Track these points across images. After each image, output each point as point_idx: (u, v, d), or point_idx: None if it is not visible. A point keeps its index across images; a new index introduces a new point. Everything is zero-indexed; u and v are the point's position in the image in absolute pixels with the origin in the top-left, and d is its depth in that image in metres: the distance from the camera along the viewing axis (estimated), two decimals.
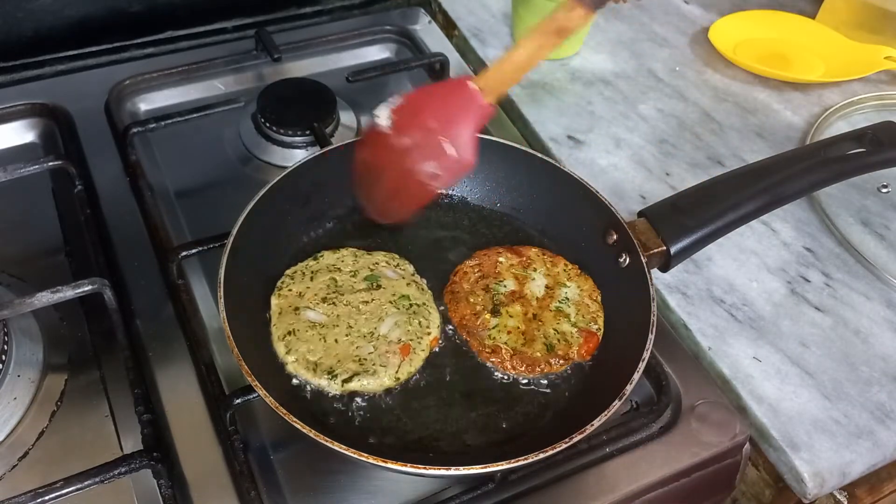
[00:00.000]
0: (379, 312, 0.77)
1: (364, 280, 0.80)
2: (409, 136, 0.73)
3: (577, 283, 0.83)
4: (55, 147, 1.00)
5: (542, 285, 0.82)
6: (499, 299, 0.80)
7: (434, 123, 0.72)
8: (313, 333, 0.75)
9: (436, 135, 0.72)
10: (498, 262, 0.84)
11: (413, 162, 0.73)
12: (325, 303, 0.77)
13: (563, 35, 0.67)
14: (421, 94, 0.75)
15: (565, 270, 0.84)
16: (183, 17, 1.15)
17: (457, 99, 0.71)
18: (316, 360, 0.73)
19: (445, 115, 0.72)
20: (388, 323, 0.77)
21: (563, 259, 0.85)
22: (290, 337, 0.74)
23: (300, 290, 0.78)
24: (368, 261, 0.82)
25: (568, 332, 0.78)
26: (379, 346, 0.75)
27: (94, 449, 0.72)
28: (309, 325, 0.75)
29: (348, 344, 0.75)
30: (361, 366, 0.73)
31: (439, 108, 0.72)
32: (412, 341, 0.76)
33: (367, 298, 0.78)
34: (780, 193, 0.79)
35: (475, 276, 0.82)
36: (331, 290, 0.79)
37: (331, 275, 0.80)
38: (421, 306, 0.79)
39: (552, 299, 0.81)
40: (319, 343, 0.74)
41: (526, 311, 0.80)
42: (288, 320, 0.76)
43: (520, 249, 0.85)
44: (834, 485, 0.76)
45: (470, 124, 0.71)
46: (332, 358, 0.73)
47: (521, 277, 0.83)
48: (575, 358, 0.77)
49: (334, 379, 0.72)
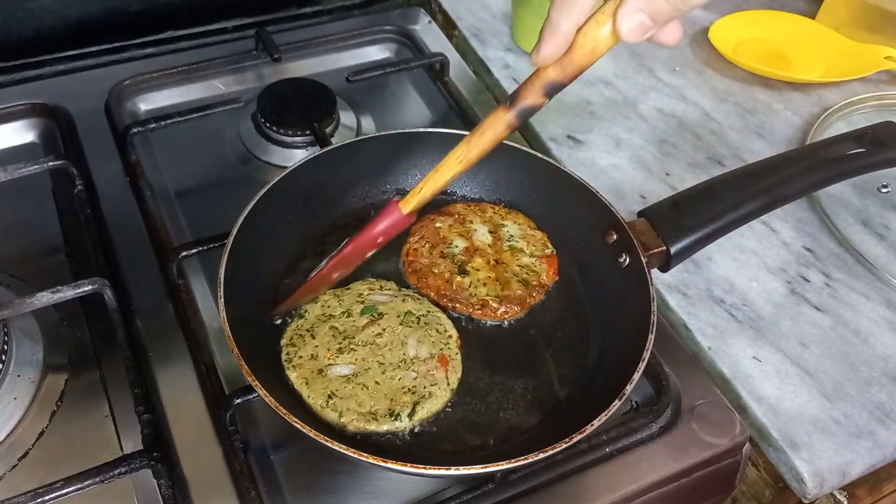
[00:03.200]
0: (397, 338, 0.76)
1: (362, 315, 0.77)
2: None
3: (513, 220, 0.88)
4: (55, 147, 1.00)
5: (486, 232, 0.86)
6: (459, 260, 0.83)
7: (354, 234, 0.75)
8: (352, 386, 0.72)
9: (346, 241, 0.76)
10: (437, 229, 0.86)
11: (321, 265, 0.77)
12: (342, 353, 0.74)
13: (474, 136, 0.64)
14: None
15: (495, 212, 0.88)
16: (183, 17, 1.15)
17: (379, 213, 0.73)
18: (369, 409, 0.70)
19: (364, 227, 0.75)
20: (412, 344, 0.75)
21: (486, 204, 0.90)
22: (333, 399, 0.70)
23: (310, 352, 0.74)
24: (353, 295, 0.79)
25: (530, 263, 0.84)
26: (418, 368, 0.74)
27: (94, 449, 0.72)
28: (343, 380, 0.72)
29: (389, 380, 0.73)
30: (415, 394, 0.72)
31: None
32: (443, 350, 0.76)
33: (378, 330, 0.76)
34: (780, 193, 0.79)
35: (425, 248, 0.84)
36: (339, 339, 0.75)
37: (327, 324, 0.76)
38: (427, 315, 0.79)
39: (501, 241, 0.85)
40: (364, 392, 0.71)
41: (487, 260, 0.84)
42: (320, 386, 0.71)
43: (446, 210, 0.88)
44: (834, 485, 0.76)
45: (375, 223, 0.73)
46: (385, 400, 0.71)
47: (465, 233, 0.86)
48: (548, 283, 0.83)
49: (399, 419, 0.70)
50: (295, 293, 0.77)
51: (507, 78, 1.16)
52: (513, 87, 1.12)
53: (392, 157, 0.90)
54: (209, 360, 0.77)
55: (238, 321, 0.69)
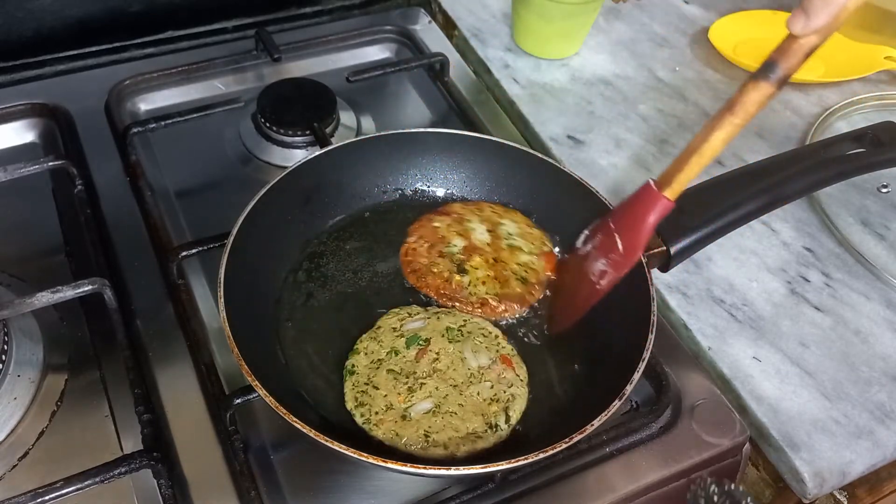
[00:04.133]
0: (454, 357, 0.75)
1: (409, 347, 0.75)
2: (593, 242, 0.75)
3: (510, 218, 0.87)
4: (55, 147, 1.00)
5: (484, 231, 0.86)
6: (458, 259, 0.83)
7: (614, 224, 0.73)
8: (441, 418, 0.70)
9: (612, 233, 0.72)
10: (436, 228, 0.85)
11: (589, 263, 0.74)
12: (413, 391, 0.72)
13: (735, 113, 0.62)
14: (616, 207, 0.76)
15: (493, 211, 0.88)
16: (183, 17, 1.15)
17: (637, 198, 0.70)
18: (469, 431, 0.69)
19: (625, 214, 0.72)
20: (470, 356, 0.75)
21: (484, 203, 0.89)
22: (431, 436, 0.69)
23: (382, 405, 0.71)
24: (388, 332, 0.77)
25: (529, 261, 0.84)
26: (489, 376, 0.74)
27: (94, 449, 0.72)
28: (429, 416, 0.70)
29: (470, 398, 0.72)
30: (500, 402, 0.72)
31: (622, 211, 0.73)
32: (498, 350, 0.76)
33: (432, 357, 0.74)
34: (780, 193, 0.79)
35: (424, 248, 0.84)
36: (402, 379, 0.73)
37: (382, 370, 0.74)
38: (465, 324, 0.78)
39: (500, 239, 0.85)
40: (455, 418, 0.70)
41: (486, 258, 0.83)
42: (412, 430, 0.69)
43: (444, 209, 0.88)
44: (834, 485, 0.76)
45: (642, 217, 0.69)
46: (477, 418, 0.70)
47: (464, 232, 0.85)
48: (545, 280, 0.83)
49: (498, 429, 0.70)
50: None
51: (507, 78, 1.16)
52: (513, 88, 1.14)
53: (392, 157, 0.90)
54: (209, 360, 0.77)
55: (238, 321, 0.69)
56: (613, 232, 0.72)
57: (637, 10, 1.31)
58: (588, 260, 0.75)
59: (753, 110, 0.62)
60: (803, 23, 0.56)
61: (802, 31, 0.57)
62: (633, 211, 0.71)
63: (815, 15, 0.55)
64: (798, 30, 0.57)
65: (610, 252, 0.72)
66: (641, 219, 0.69)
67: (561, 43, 1.18)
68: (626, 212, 0.72)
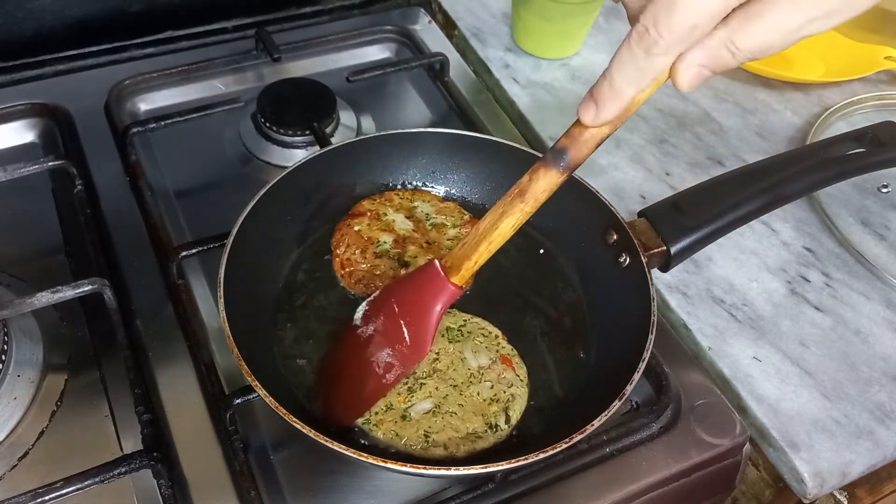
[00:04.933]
0: (455, 357, 0.75)
1: None
2: (374, 323, 0.71)
3: (421, 199, 0.88)
4: (55, 147, 1.00)
5: (404, 218, 0.86)
6: (394, 254, 0.83)
7: (397, 307, 0.69)
8: (440, 418, 0.70)
9: (397, 319, 0.69)
10: (358, 232, 0.85)
11: (372, 351, 0.70)
12: (413, 392, 0.72)
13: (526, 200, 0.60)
14: (395, 281, 0.73)
15: (402, 197, 0.89)
16: (183, 17, 1.15)
17: (423, 279, 0.67)
18: (469, 431, 0.70)
19: (409, 297, 0.69)
20: (470, 356, 0.75)
21: (389, 192, 0.89)
22: (431, 437, 0.69)
23: (382, 405, 0.71)
24: None
25: (458, 234, 0.85)
26: (489, 376, 0.74)
27: (94, 449, 0.72)
28: (429, 416, 0.70)
29: (470, 398, 0.72)
30: (500, 402, 0.72)
31: (405, 291, 0.69)
32: (498, 350, 0.76)
33: (432, 357, 0.75)
34: (780, 193, 0.79)
35: (356, 254, 0.83)
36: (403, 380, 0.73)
37: None
38: (465, 324, 0.78)
39: (421, 222, 0.86)
40: (454, 418, 0.70)
41: (419, 244, 0.84)
42: (412, 430, 0.69)
43: (355, 211, 0.87)
44: (834, 485, 0.76)
45: (430, 306, 0.66)
46: (476, 418, 0.71)
47: (386, 226, 0.86)
48: None
49: (498, 429, 0.70)
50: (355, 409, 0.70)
51: (507, 78, 1.16)
52: (513, 87, 1.14)
53: (392, 157, 0.90)
54: (209, 360, 0.77)
55: (238, 321, 0.68)
56: (398, 317, 0.69)
57: None
58: (372, 345, 0.70)
59: (543, 198, 0.60)
60: (593, 114, 0.55)
61: (593, 121, 0.55)
62: (418, 296, 0.67)
63: (604, 108, 0.54)
64: (588, 120, 0.55)
65: (396, 342, 0.69)
66: (428, 307, 0.66)
67: (561, 43, 1.18)
68: (410, 293, 0.69)
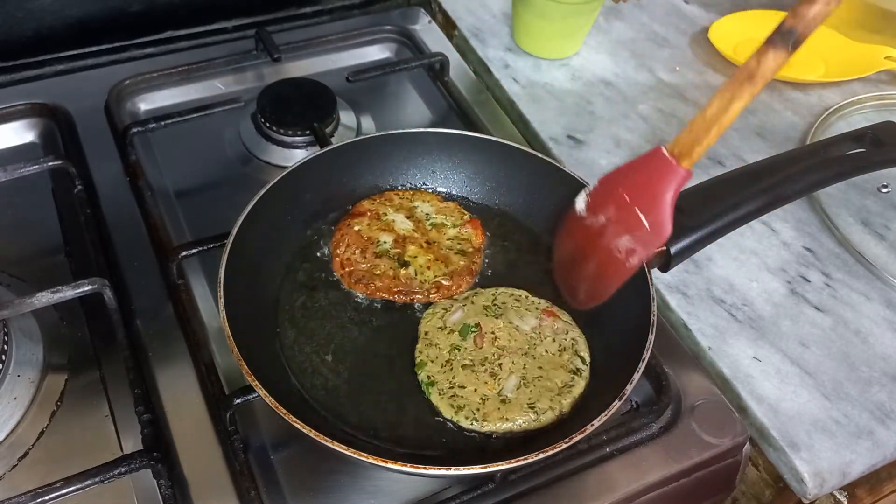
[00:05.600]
0: (509, 329, 0.78)
1: (465, 339, 0.77)
2: (605, 214, 0.72)
3: (420, 199, 0.89)
4: (55, 147, 1.00)
5: (404, 218, 0.87)
6: (394, 253, 0.84)
7: (628, 196, 0.70)
8: (532, 387, 0.73)
9: (631, 208, 0.70)
10: (358, 232, 0.85)
11: (609, 239, 0.71)
12: (495, 376, 0.74)
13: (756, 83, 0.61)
14: (616, 172, 0.73)
15: (402, 197, 0.89)
16: (183, 17, 1.15)
17: (650, 168, 0.68)
18: (560, 385, 0.73)
19: (639, 186, 0.69)
20: (520, 322, 0.78)
21: (389, 192, 0.90)
22: (535, 405, 0.71)
23: (477, 399, 0.72)
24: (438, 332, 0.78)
25: (458, 234, 0.86)
26: (546, 332, 0.78)
27: (94, 449, 0.72)
28: (521, 388, 0.73)
29: (543, 357, 0.76)
30: (568, 350, 0.76)
31: (633, 181, 0.70)
32: (538, 307, 0.80)
33: (490, 337, 0.77)
34: (780, 193, 0.79)
35: (356, 254, 0.83)
36: (480, 369, 0.75)
37: (455, 368, 0.75)
38: (495, 296, 0.81)
39: (421, 222, 0.86)
40: (541, 382, 0.73)
41: (419, 244, 0.85)
42: (516, 408, 0.71)
43: (355, 211, 0.88)
44: (834, 485, 0.76)
45: (663, 191, 0.67)
46: (558, 371, 0.74)
47: (386, 226, 0.86)
48: (480, 245, 0.86)
49: (580, 373, 0.75)
50: None
51: (507, 78, 1.16)
52: (513, 88, 1.14)
53: (392, 157, 0.90)
54: (209, 360, 0.77)
55: (238, 321, 0.69)
56: (632, 205, 0.69)
57: (637, 10, 1.30)
58: (606, 234, 0.72)
59: (770, 77, 0.61)
60: None
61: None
62: (648, 182, 0.68)
63: None
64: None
65: (635, 229, 0.70)
66: (662, 191, 0.67)
67: (561, 43, 1.18)
68: (639, 183, 0.69)
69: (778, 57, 0.60)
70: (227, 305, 0.69)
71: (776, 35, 0.60)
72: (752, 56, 0.61)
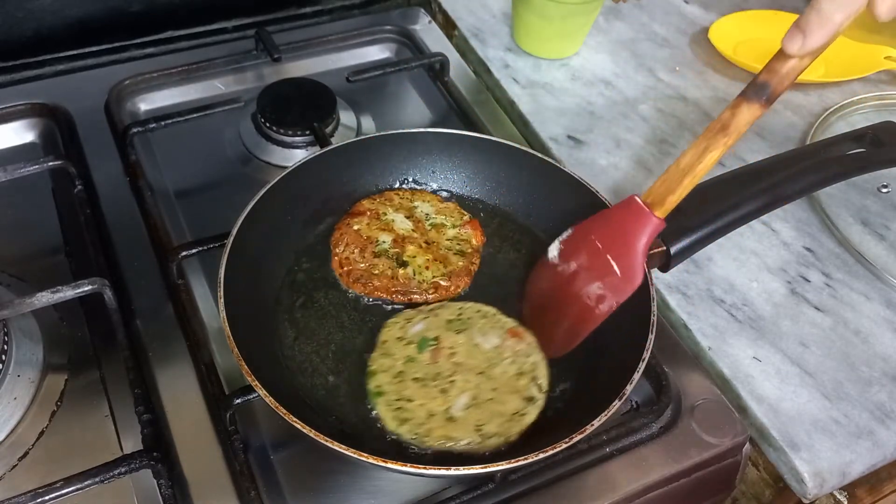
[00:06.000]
0: (468, 346, 0.75)
1: (422, 352, 0.75)
2: (577, 261, 0.73)
3: (420, 199, 0.89)
4: (55, 147, 1.00)
5: (403, 218, 0.87)
6: (393, 253, 0.83)
7: (601, 243, 0.71)
8: (482, 408, 0.71)
9: (603, 254, 0.71)
10: (357, 231, 0.85)
11: (580, 286, 0.73)
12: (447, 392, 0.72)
13: (729, 134, 0.62)
14: (590, 220, 0.74)
15: (402, 197, 0.89)
16: (183, 17, 1.15)
17: (623, 215, 0.69)
18: (511, 412, 0.71)
19: (612, 233, 0.70)
20: (482, 340, 0.76)
21: (389, 192, 0.90)
22: (482, 429, 0.69)
23: (424, 414, 0.71)
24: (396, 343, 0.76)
25: (457, 234, 0.86)
26: (506, 353, 0.75)
27: (94, 449, 0.72)
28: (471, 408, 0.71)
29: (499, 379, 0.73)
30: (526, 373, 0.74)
31: (606, 228, 0.71)
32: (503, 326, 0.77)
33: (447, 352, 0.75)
34: (780, 193, 0.79)
35: (355, 253, 0.83)
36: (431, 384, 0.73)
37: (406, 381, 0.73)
38: (461, 310, 0.79)
39: (421, 222, 0.86)
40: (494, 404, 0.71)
41: (418, 244, 0.84)
42: (462, 428, 0.69)
43: (355, 210, 0.87)
44: (834, 485, 0.76)
45: (635, 239, 0.68)
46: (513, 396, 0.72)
47: (385, 226, 0.86)
48: (479, 245, 0.86)
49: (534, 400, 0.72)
50: None
51: (507, 78, 1.16)
52: (513, 88, 1.14)
53: (392, 157, 0.90)
54: (209, 360, 0.77)
55: (238, 321, 0.69)
56: (604, 253, 0.71)
57: (637, 10, 1.31)
58: (577, 280, 0.73)
59: (744, 130, 0.62)
60: (800, 43, 0.57)
61: (799, 51, 0.57)
62: (621, 230, 0.69)
63: (811, 36, 0.56)
64: (795, 50, 0.58)
65: (606, 276, 0.71)
66: (633, 241, 0.68)
67: (561, 43, 1.18)
68: (612, 230, 0.70)
69: (752, 110, 0.61)
70: (227, 305, 0.69)
71: (750, 89, 0.61)
72: (727, 108, 0.62)
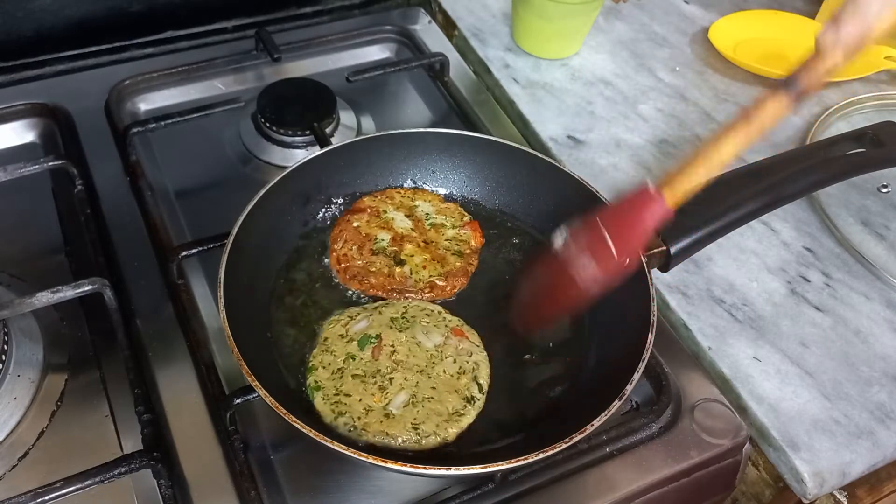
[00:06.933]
0: (410, 344, 0.75)
1: (363, 349, 0.75)
2: (576, 241, 0.71)
3: (422, 198, 0.89)
4: (55, 147, 1.00)
5: (403, 217, 0.87)
6: (391, 251, 0.84)
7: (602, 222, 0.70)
8: (420, 406, 0.71)
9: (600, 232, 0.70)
10: (357, 228, 0.85)
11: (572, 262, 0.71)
12: (385, 389, 0.72)
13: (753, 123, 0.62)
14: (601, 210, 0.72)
15: (403, 196, 0.89)
16: (183, 17, 1.15)
17: (631, 199, 0.68)
18: (450, 411, 0.70)
19: (615, 213, 0.70)
20: (423, 339, 0.76)
21: (390, 190, 0.90)
22: (419, 427, 0.69)
23: (361, 409, 0.70)
24: (337, 340, 0.76)
25: (456, 235, 0.86)
26: (448, 351, 0.75)
27: (94, 449, 0.72)
28: (409, 407, 0.71)
29: (439, 378, 0.73)
30: (467, 373, 0.74)
31: (612, 210, 0.71)
32: (448, 325, 0.77)
33: (388, 350, 0.74)
34: (780, 193, 0.79)
35: (353, 250, 0.83)
36: (370, 381, 0.72)
37: (345, 377, 0.73)
38: (406, 309, 0.78)
39: (421, 221, 0.86)
40: (433, 403, 0.71)
41: (416, 243, 0.85)
42: (399, 425, 0.69)
43: (356, 207, 0.88)
44: (834, 485, 0.76)
45: (638, 219, 0.67)
46: (452, 395, 0.72)
47: (385, 224, 0.86)
48: (478, 247, 0.86)
49: (474, 401, 0.72)
50: None
51: (507, 78, 1.16)
52: (513, 88, 1.14)
53: (392, 157, 0.90)
54: (209, 360, 0.77)
55: (238, 321, 0.69)
56: (604, 233, 0.70)
57: (637, 10, 1.30)
58: (573, 261, 0.71)
59: (770, 123, 0.62)
60: (834, 35, 0.57)
61: (833, 43, 0.57)
62: (628, 213, 0.69)
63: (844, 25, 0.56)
64: (828, 42, 0.57)
65: (601, 255, 0.69)
66: (638, 221, 0.68)
67: (561, 43, 1.18)
68: (619, 214, 0.70)
69: (779, 103, 0.61)
70: (227, 305, 0.69)
71: (780, 82, 0.61)
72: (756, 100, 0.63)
